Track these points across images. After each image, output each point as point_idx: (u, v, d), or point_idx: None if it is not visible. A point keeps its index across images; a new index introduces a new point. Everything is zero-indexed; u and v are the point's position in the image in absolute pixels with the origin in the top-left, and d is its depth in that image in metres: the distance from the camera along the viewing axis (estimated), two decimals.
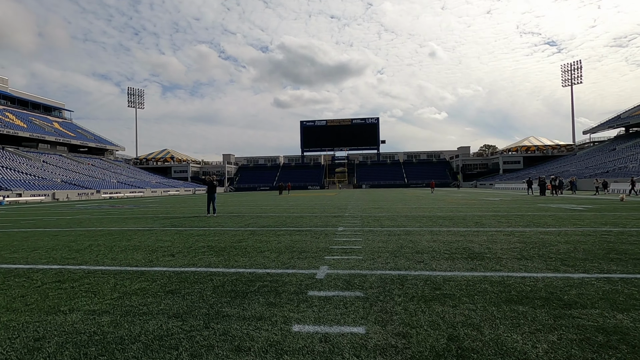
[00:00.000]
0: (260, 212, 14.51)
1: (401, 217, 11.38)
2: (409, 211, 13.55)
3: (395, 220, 10.41)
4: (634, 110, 76.14)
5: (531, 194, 28.30)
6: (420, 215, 11.65)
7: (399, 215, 12.03)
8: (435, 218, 10.80)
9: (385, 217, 11.42)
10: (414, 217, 11.09)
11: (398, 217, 11.38)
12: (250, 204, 20.73)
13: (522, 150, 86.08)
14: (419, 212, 13.15)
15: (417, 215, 11.68)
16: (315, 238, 7.16)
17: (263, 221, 10.69)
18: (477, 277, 4.06)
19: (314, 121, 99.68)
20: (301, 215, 12.29)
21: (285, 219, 11.04)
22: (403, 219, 10.76)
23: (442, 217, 10.95)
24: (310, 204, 19.99)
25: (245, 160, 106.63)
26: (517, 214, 11.85)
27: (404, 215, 11.79)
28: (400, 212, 13.05)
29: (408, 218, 10.93)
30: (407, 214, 12.25)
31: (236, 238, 7.34)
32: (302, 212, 14.06)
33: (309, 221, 10.41)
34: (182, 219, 12.14)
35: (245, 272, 4.45)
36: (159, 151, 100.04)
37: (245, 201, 25.43)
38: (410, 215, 11.71)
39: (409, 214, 12.23)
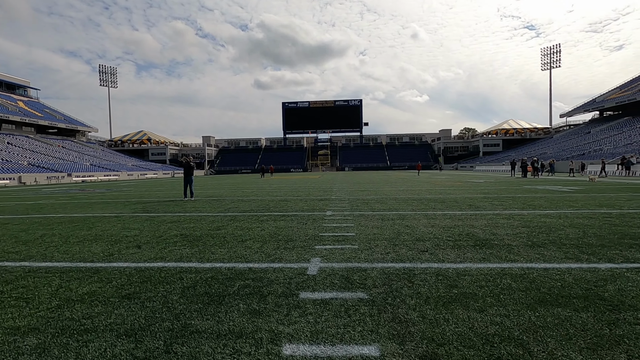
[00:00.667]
0: (241, 195, 13.70)
1: (390, 199, 10.85)
2: (397, 194, 13.07)
3: (385, 203, 9.86)
4: (608, 95, 78.15)
5: (513, 176, 28.53)
6: (410, 198, 11.16)
7: (387, 198, 11.50)
8: (426, 201, 10.32)
9: (374, 200, 10.86)
10: (404, 200, 10.58)
11: (387, 200, 10.85)
12: (231, 188, 19.81)
13: (501, 133, 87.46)
14: (408, 194, 12.69)
15: (407, 198, 11.19)
16: (303, 224, 6.49)
17: (244, 205, 9.93)
18: (494, 270, 3.50)
19: (296, 103, 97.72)
20: (285, 199, 11.58)
21: (269, 203, 10.32)
22: (393, 201, 10.23)
23: (434, 200, 10.49)
24: (294, 187, 19.26)
25: (226, 143, 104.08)
26: (508, 195, 11.54)
27: (393, 198, 11.27)
28: (388, 195, 12.54)
29: (398, 201, 10.41)
30: (396, 197, 11.74)
31: (214, 225, 6.58)
32: (286, 195, 13.35)
33: (294, 205, 9.73)
34: (156, 203, 11.22)
35: (222, 268, 3.74)
36: (135, 133, 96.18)
37: (226, 184, 24.44)
38: (400, 198, 11.20)
39: (398, 197, 11.73)
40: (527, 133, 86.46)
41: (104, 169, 58.74)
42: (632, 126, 58.75)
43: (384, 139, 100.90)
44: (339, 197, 12.12)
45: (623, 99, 68.06)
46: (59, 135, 75.69)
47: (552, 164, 31.24)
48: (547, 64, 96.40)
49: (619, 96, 71.73)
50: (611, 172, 30.08)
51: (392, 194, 13.10)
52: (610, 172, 29.87)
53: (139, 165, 71.91)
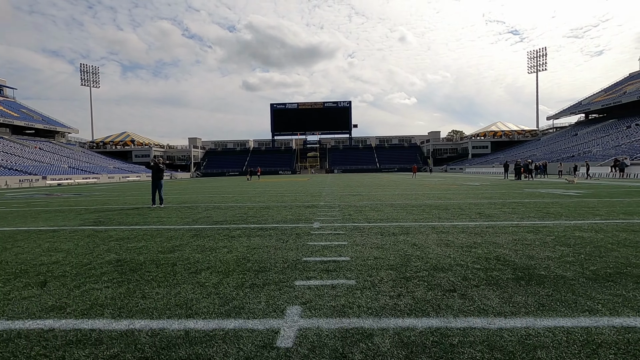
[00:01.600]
0: (219, 201, 12.24)
1: (386, 206, 9.57)
2: (393, 198, 11.81)
3: (382, 211, 8.57)
4: (593, 97, 79.08)
5: (507, 178, 27.72)
6: (409, 204, 9.90)
7: (382, 204, 10.22)
8: (427, 208, 9.07)
9: (367, 207, 9.56)
10: (401, 207, 9.31)
11: (382, 206, 9.57)
12: (212, 192, 18.30)
13: (489, 135, 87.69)
14: (405, 199, 11.44)
15: (405, 204, 9.92)
16: (283, 242, 5.13)
17: (218, 214, 8.51)
18: (573, 334, 2.21)
19: (284, 104, 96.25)
20: (267, 206, 10.19)
21: (247, 211, 8.91)
22: (389, 209, 8.95)
23: (435, 207, 9.25)
24: (280, 190, 17.87)
25: (213, 144, 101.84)
26: (514, 200, 10.40)
27: (389, 204, 10.00)
28: (383, 200, 11.27)
29: (395, 208, 9.14)
30: (391, 203, 10.47)
31: (170, 244, 5.16)
32: (270, 201, 11.96)
33: (276, 214, 8.35)
34: (117, 212, 9.69)
35: (143, 333, 2.34)
36: (118, 134, 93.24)
37: (208, 188, 22.86)
38: (397, 205, 9.93)
39: (394, 202, 10.46)
40: (515, 135, 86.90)
41: (83, 172, 56.26)
42: (618, 128, 59.22)
43: (373, 141, 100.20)
44: (328, 203, 10.79)
45: (609, 102, 68.80)
46: (37, 137, 72.62)
47: (544, 165, 30.59)
48: (533, 67, 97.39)
49: (604, 99, 72.56)
50: (604, 174, 29.60)
51: (387, 199, 11.84)
52: (604, 175, 29.38)
53: (121, 168, 69.38)
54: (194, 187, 23.80)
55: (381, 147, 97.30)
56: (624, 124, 60.33)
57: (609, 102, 68.48)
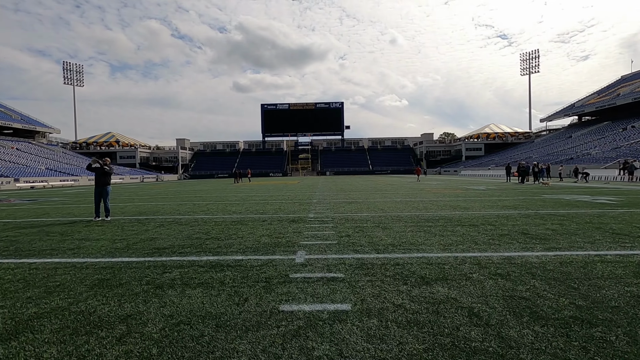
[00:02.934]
0: (186, 211, 10.00)
1: (393, 220, 7.48)
2: (397, 208, 9.73)
3: (390, 228, 6.48)
4: (586, 100, 78.60)
5: (509, 181, 25.99)
6: (421, 218, 7.83)
7: (387, 216, 8.13)
8: (447, 223, 7.01)
9: (369, 221, 7.46)
10: (413, 222, 7.23)
11: (388, 220, 7.48)
12: (187, 197, 16.01)
13: (483, 137, 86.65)
14: (412, 209, 9.37)
15: (416, 218, 7.84)
16: (238, 302, 2.97)
17: (170, 234, 6.31)
18: None
19: (275, 104, 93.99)
20: (241, 220, 8.00)
21: (212, 229, 6.73)
22: (399, 225, 6.86)
23: (457, 221, 7.19)
24: (265, 195, 15.69)
25: (202, 146, 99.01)
26: (549, 212, 8.40)
27: (395, 217, 7.91)
28: (386, 210, 9.18)
29: (406, 223, 7.05)
30: (398, 214, 8.39)
31: (29, 311, 2.98)
32: (248, 211, 9.77)
33: (248, 234, 6.19)
34: (38, 229, 7.38)
35: None
36: (102, 134, 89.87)
37: (186, 192, 20.51)
38: (406, 218, 7.84)
39: (402, 214, 8.38)
40: (509, 137, 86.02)
41: (62, 174, 53.27)
42: (613, 130, 58.41)
43: (365, 143, 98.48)
44: (319, 214, 8.66)
45: (602, 104, 68.18)
46: (16, 137, 69.20)
47: (547, 168, 28.93)
48: (526, 69, 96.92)
49: (598, 101, 72.01)
50: (610, 177, 28.08)
51: (391, 208, 9.75)
52: (610, 178, 27.85)
53: None
54: (169, 192, 21.44)
55: (374, 149, 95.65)
56: (619, 125, 59.58)
57: (603, 104, 67.88)
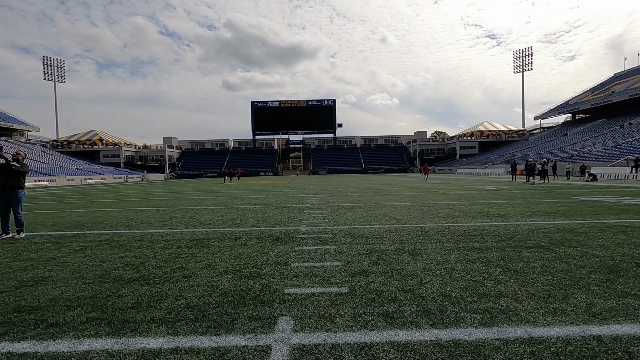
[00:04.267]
0: (138, 222, 7.82)
1: (418, 237, 5.47)
2: (414, 216, 7.72)
3: (422, 254, 4.45)
4: (580, 97, 77.95)
5: (514, 180, 24.30)
6: (454, 232, 5.82)
7: (406, 229, 6.12)
8: (497, 241, 5.01)
9: (386, 238, 5.43)
10: (448, 239, 5.22)
11: (412, 237, 5.46)
12: (156, 201, 13.80)
13: (477, 135, 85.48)
14: (434, 217, 7.37)
15: (447, 231, 5.83)
16: None
17: (75, 269, 4.19)
18: None
19: (266, 102, 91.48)
20: (205, 237, 5.86)
21: (149, 259, 4.57)
22: (430, 245, 4.85)
23: (509, 238, 5.20)
24: (248, 199, 13.58)
25: (190, 144, 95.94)
26: (612, 221, 6.51)
27: (419, 231, 5.90)
28: (401, 220, 7.17)
29: (438, 242, 5.04)
30: (420, 226, 6.38)
31: None
32: (219, 222, 7.65)
33: (201, 268, 4.08)
34: None
35: None
36: (85, 132, 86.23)
37: (161, 194, 18.24)
38: (434, 232, 5.82)
39: (425, 226, 6.37)
40: (502, 135, 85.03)
41: (39, 174, 50.23)
42: (610, 128, 57.54)
43: (358, 141, 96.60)
44: (314, 226, 6.62)
45: (598, 101, 67.43)
46: None
47: (554, 166, 27.34)
48: (519, 66, 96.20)
49: (592, 98, 71.32)
50: (620, 175, 26.62)
51: (405, 215, 7.74)
52: (620, 176, 26.39)
53: (84, 169, 63.19)
54: (145, 193, 19.12)
55: (366, 147, 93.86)
56: (615, 123, 58.77)
57: (599, 101, 67.14)
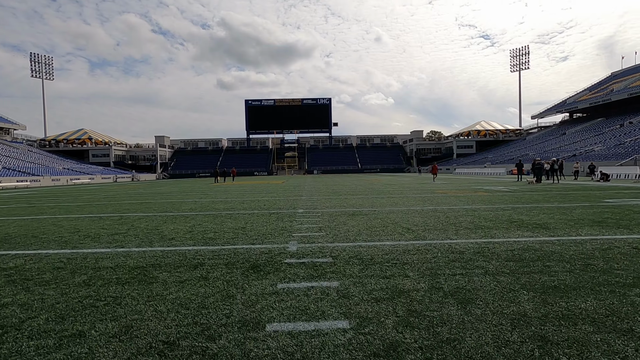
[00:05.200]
0: (84, 235, 6.17)
1: (440, 254, 3.93)
2: (433, 226, 6.16)
3: (443, 275, 2.93)
4: (578, 96, 77.19)
5: (521, 180, 22.95)
6: (486, 249, 4.27)
7: (432, 248, 4.55)
8: (537, 256, 3.49)
9: (408, 264, 3.86)
10: (476, 256, 3.68)
11: (432, 254, 3.92)
12: (131, 203, 12.13)
13: (474, 134, 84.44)
14: (460, 229, 5.83)
15: (490, 252, 4.29)
16: None
17: None
18: None
19: (260, 100, 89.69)
20: (160, 260, 4.22)
21: (66, 299, 3.04)
22: (451, 264, 3.31)
23: (556, 258, 3.68)
24: (233, 202, 11.97)
25: (183, 143, 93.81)
26: None
27: (443, 250, 4.35)
28: (420, 233, 5.61)
29: (465, 261, 3.51)
30: (449, 243, 4.82)
31: None
32: (186, 236, 6.03)
33: (134, 325, 2.55)
34: None
35: None
36: (74, 131, 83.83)
37: (142, 195, 16.53)
38: (471, 252, 4.28)
39: (456, 243, 4.81)
40: (500, 134, 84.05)
41: (21, 173, 48.14)
42: (610, 127, 56.65)
43: (354, 140, 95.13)
44: (305, 242, 5.05)
45: (597, 100, 66.63)
46: None
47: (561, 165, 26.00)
48: (515, 65, 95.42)
49: (590, 97, 70.55)
50: (631, 175, 25.38)
51: (422, 226, 6.18)
52: (634, 176, 25.14)
53: (72, 169, 61.02)
54: (123, 195, 17.40)
55: (362, 147, 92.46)
56: (615, 122, 57.91)
57: (598, 100, 66.35)
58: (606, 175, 21.34)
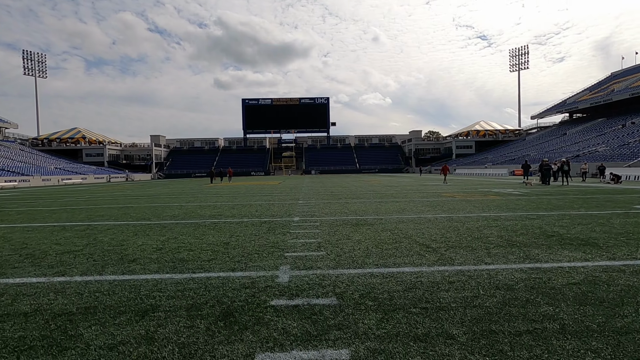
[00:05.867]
0: (27, 255, 5.12)
1: (483, 292, 2.85)
2: (448, 238, 5.08)
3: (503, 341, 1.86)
4: (578, 96, 76.49)
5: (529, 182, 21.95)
6: (540, 284, 3.21)
7: (454, 271, 3.47)
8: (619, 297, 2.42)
9: (427, 299, 2.79)
10: (528, 292, 2.62)
11: (472, 292, 2.86)
12: (111, 207, 10.99)
13: (473, 134, 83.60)
14: (475, 239, 4.77)
15: (529, 283, 3.22)
16: None
17: None
18: None
19: (257, 100, 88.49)
20: (97, 303, 3.17)
21: None
22: (504, 310, 2.24)
23: None
24: (225, 206, 10.85)
25: (178, 143, 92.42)
26: None
27: (485, 285, 3.27)
28: (432, 245, 4.52)
29: (520, 305, 2.44)
30: (473, 269, 3.76)
31: None
32: (156, 257, 4.89)
33: None
34: None
35: None
36: (67, 130, 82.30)
37: (127, 198, 15.36)
38: (509, 284, 3.21)
39: (493, 276, 3.76)
40: (499, 135, 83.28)
41: (10, 173, 46.80)
42: (612, 127, 55.90)
43: (352, 140, 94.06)
44: (300, 268, 3.95)
45: (598, 100, 65.95)
46: None
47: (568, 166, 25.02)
48: (515, 65, 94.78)
49: (591, 97, 69.86)
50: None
51: (443, 242, 5.07)
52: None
53: (64, 168, 59.63)
54: (107, 196, 16.22)
55: (361, 147, 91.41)
56: (617, 122, 57.18)
57: (599, 100, 65.65)
58: (617, 176, 20.38)
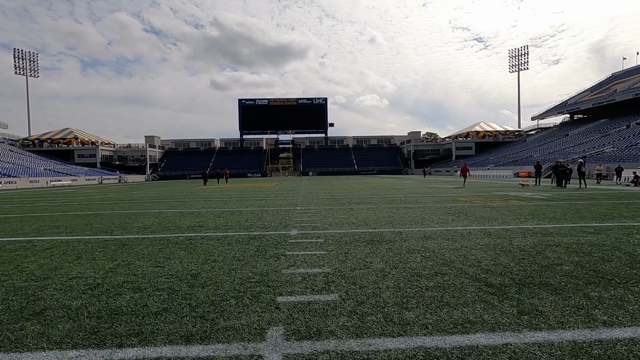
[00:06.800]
0: None
1: None
2: (502, 265, 3.60)
3: None
4: (580, 97, 75.52)
5: (538, 184, 20.56)
6: None
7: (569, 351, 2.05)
8: None
9: None
10: None
11: None
12: (72, 215, 9.41)
13: (472, 135, 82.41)
14: (541, 268, 3.32)
15: None
16: None
17: None
18: None
19: (254, 100, 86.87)
20: None
21: None
22: None
23: None
24: (211, 214, 9.32)
25: (173, 144, 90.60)
26: None
27: None
28: (488, 279, 3.06)
29: None
30: None
31: None
32: (79, 304, 3.45)
33: None
34: None
35: None
36: (59, 130, 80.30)
37: (110, 202, 13.76)
38: None
39: None
40: (499, 136, 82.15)
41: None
42: (616, 127, 54.80)
43: (350, 142, 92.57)
44: (303, 339, 2.50)
45: (600, 100, 64.93)
46: None
47: None
48: (514, 65, 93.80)
49: (592, 98, 68.88)
50: None
51: (498, 272, 3.60)
52: None
53: (54, 170, 57.75)
54: (84, 200, 14.60)
55: (359, 148, 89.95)
56: (620, 123, 56.11)
57: (601, 100, 64.59)
58: (639, 178, 19.02)
